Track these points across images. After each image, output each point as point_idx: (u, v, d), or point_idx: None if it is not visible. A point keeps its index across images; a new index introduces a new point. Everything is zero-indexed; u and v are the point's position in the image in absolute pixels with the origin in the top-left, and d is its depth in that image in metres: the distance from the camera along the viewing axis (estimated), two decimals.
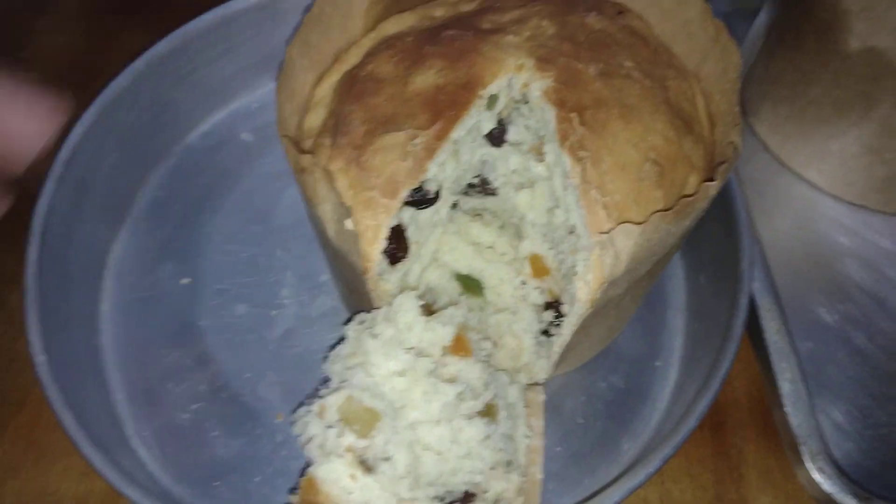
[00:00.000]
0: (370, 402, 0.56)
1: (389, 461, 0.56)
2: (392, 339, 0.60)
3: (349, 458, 0.54)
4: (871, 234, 0.98)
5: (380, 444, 0.55)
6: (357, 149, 0.61)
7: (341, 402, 0.56)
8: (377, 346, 0.59)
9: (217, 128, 1.00)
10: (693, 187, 0.63)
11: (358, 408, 0.55)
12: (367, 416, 0.55)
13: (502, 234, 0.77)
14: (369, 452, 0.55)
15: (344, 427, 0.55)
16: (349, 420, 0.55)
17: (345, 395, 0.56)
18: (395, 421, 0.57)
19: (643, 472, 0.63)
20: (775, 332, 0.80)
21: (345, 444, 0.55)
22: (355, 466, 0.54)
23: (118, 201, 0.91)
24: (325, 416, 0.56)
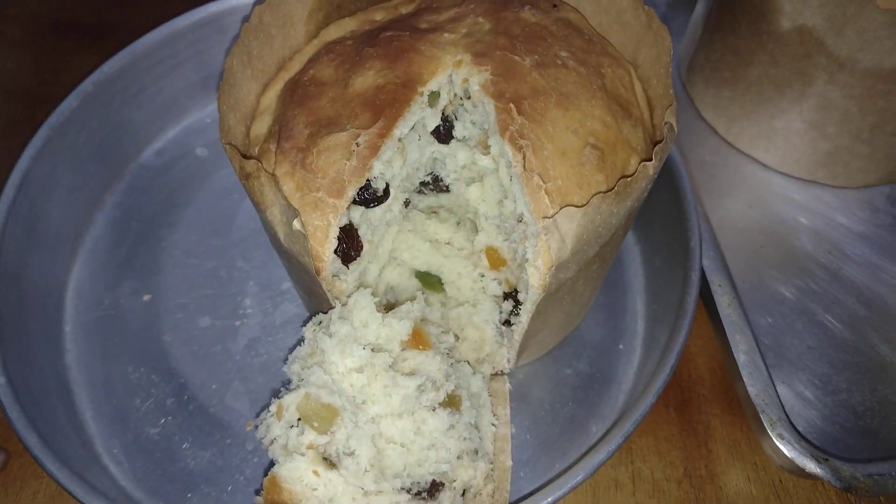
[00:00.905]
0: (328, 399, 0.56)
1: (352, 456, 0.56)
2: (347, 336, 0.60)
3: (311, 455, 0.55)
4: (822, 208, 1.01)
5: (341, 439, 0.56)
6: (301, 151, 0.62)
7: (299, 400, 0.56)
8: (333, 343, 0.59)
9: (170, 144, 1.01)
10: (634, 169, 0.65)
11: (316, 405, 0.56)
12: (325, 413, 0.56)
13: (459, 230, 0.78)
14: (331, 448, 0.55)
15: (304, 425, 0.56)
16: (308, 417, 0.56)
17: (302, 394, 0.56)
18: (355, 416, 0.58)
19: (605, 449, 0.64)
20: (727, 306, 0.82)
21: (306, 441, 0.55)
22: (318, 462, 0.55)
23: (75, 223, 0.91)
24: (283, 415, 0.56)
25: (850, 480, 0.70)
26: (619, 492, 0.78)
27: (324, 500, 0.55)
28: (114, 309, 0.87)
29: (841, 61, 0.86)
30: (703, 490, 0.78)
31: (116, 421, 0.79)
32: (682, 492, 0.78)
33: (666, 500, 0.77)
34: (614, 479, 0.79)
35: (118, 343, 0.84)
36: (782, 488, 0.79)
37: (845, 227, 0.99)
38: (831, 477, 0.70)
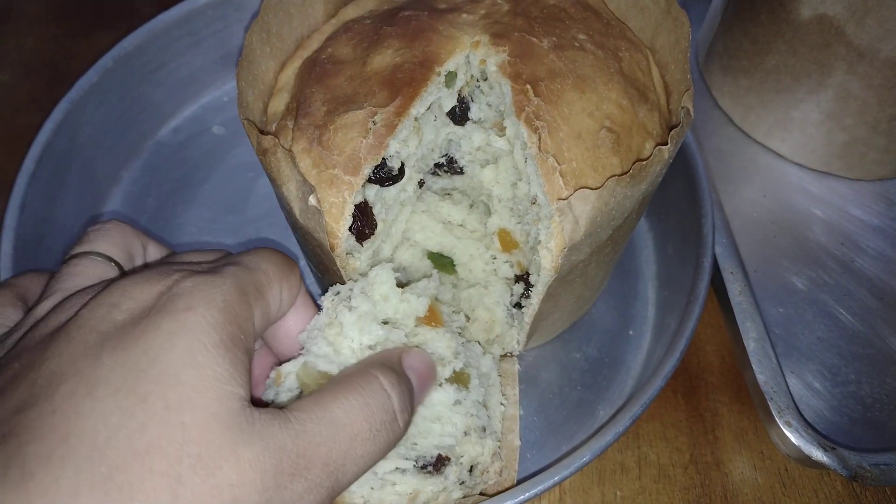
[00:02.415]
0: (325, 368, 0.57)
1: None
2: (367, 313, 0.60)
3: None
4: (836, 200, 1.01)
5: None
6: (318, 128, 0.62)
7: (298, 368, 0.56)
8: (353, 319, 0.59)
9: (188, 122, 1.02)
10: (649, 153, 0.65)
11: (313, 372, 0.56)
12: (323, 381, 0.56)
13: (472, 212, 0.79)
14: None
15: (303, 392, 0.56)
16: (307, 385, 0.56)
17: (301, 362, 0.57)
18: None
19: (612, 431, 0.64)
20: (738, 294, 0.82)
21: None
22: None
23: (92, 198, 0.92)
24: (282, 382, 0.57)
25: (857, 469, 0.70)
26: (624, 475, 0.78)
27: None
28: None
29: (861, 51, 0.86)
30: (708, 476, 0.79)
31: None
32: (687, 477, 0.78)
33: (671, 486, 0.78)
34: (620, 462, 0.79)
35: None
36: (788, 477, 0.79)
37: (859, 220, 0.99)
38: (837, 465, 0.71)
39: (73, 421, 0.38)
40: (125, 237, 0.56)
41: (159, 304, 0.42)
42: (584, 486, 0.78)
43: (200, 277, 0.45)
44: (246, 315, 0.45)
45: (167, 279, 0.44)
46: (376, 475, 0.57)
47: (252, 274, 0.48)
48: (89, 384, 0.39)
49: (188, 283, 0.44)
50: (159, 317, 0.41)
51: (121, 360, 0.39)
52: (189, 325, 0.41)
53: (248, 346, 0.44)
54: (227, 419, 0.39)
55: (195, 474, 0.37)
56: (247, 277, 0.47)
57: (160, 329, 0.41)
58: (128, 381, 0.39)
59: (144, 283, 0.44)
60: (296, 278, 0.54)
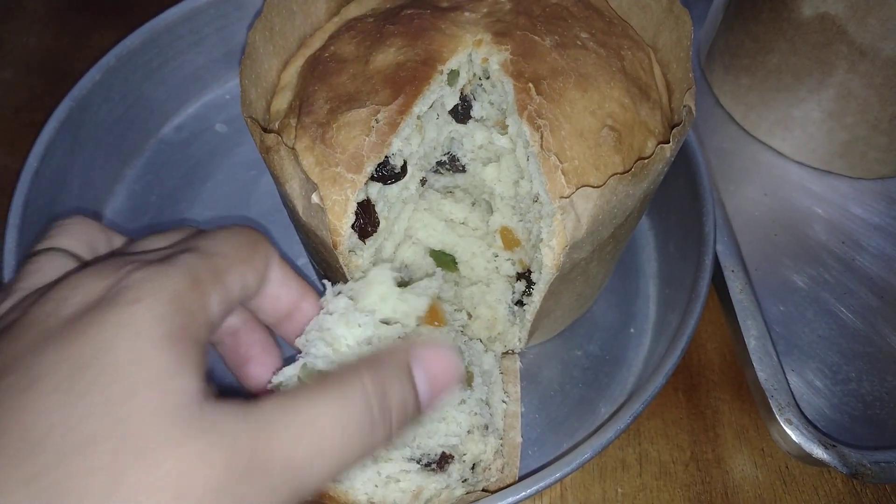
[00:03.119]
0: (325, 368, 0.57)
1: None
2: (347, 307, 0.60)
3: None
4: (837, 199, 1.01)
5: None
6: (321, 126, 0.62)
7: (297, 371, 0.57)
8: (335, 319, 0.60)
9: (190, 120, 1.02)
10: (651, 151, 0.65)
11: (314, 373, 0.56)
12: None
13: (474, 210, 0.79)
14: None
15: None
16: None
17: (300, 365, 0.57)
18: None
19: (613, 429, 0.65)
20: (739, 292, 0.82)
21: None
22: None
23: (95, 196, 0.92)
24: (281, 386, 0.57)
25: (857, 467, 0.71)
26: (625, 472, 0.79)
27: None
28: None
29: (862, 50, 0.86)
30: (709, 473, 0.79)
31: None
32: (688, 474, 0.79)
33: (672, 483, 0.78)
34: (621, 459, 0.79)
35: None
36: (788, 474, 0.79)
37: (860, 218, 0.99)
38: (838, 463, 0.71)
39: (7, 417, 0.37)
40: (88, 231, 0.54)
41: (108, 296, 0.41)
42: (586, 482, 0.78)
43: (152, 268, 0.43)
44: (198, 304, 0.43)
45: (118, 271, 0.43)
46: (380, 474, 0.57)
47: (208, 259, 0.46)
48: (29, 379, 0.38)
49: (138, 275, 0.42)
50: (105, 310, 0.40)
51: (64, 354, 0.38)
52: (135, 318, 0.39)
53: (199, 337, 0.42)
54: (173, 413, 0.38)
55: (136, 468, 0.36)
56: (202, 264, 0.45)
57: (105, 322, 0.39)
58: (69, 377, 0.38)
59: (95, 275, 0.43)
60: (261, 256, 0.52)
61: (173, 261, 0.45)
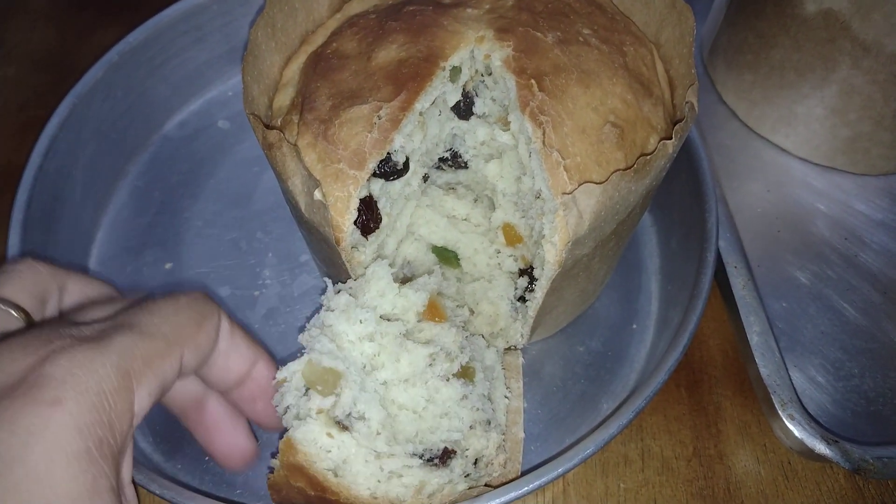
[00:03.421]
0: (330, 363, 0.57)
1: (363, 420, 0.57)
2: (348, 304, 0.61)
3: (323, 419, 0.56)
4: (840, 195, 1.01)
5: (347, 402, 0.57)
6: (324, 123, 0.62)
7: (302, 367, 0.57)
8: (336, 315, 0.60)
9: (193, 116, 1.02)
10: (653, 147, 0.65)
11: (318, 368, 0.57)
12: (328, 376, 0.57)
13: (476, 207, 0.79)
14: (339, 411, 0.56)
15: (310, 390, 0.57)
16: (311, 382, 0.57)
17: (305, 360, 0.57)
18: (362, 380, 0.58)
19: (615, 424, 0.65)
20: (742, 288, 0.82)
21: (314, 406, 0.56)
22: (330, 426, 0.56)
23: (99, 192, 0.93)
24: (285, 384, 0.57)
25: (859, 462, 0.71)
26: (628, 468, 0.79)
27: (338, 462, 0.56)
28: (136, 276, 0.88)
29: (866, 46, 0.86)
30: (711, 469, 0.79)
31: None
32: (690, 470, 0.79)
33: (675, 478, 0.78)
34: (624, 455, 0.80)
35: None
36: (791, 470, 0.79)
37: (863, 215, 0.99)
38: (840, 458, 0.71)
39: None
40: (37, 279, 0.51)
41: (26, 384, 0.38)
42: (588, 478, 0.78)
43: (80, 353, 0.40)
44: (123, 407, 0.41)
45: (44, 349, 0.40)
46: (382, 469, 0.57)
47: (145, 342, 0.44)
48: None
49: (63, 362, 0.39)
50: (21, 407, 0.37)
51: None
52: (51, 428, 0.37)
53: (116, 452, 0.40)
54: None
55: None
56: (136, 350, 0.43)
57: (18, 425, 0.36)
58: None
59: (18, 351, 0.40)
60: (206, 332, 0.50)
61: (108, 344, 0.42)
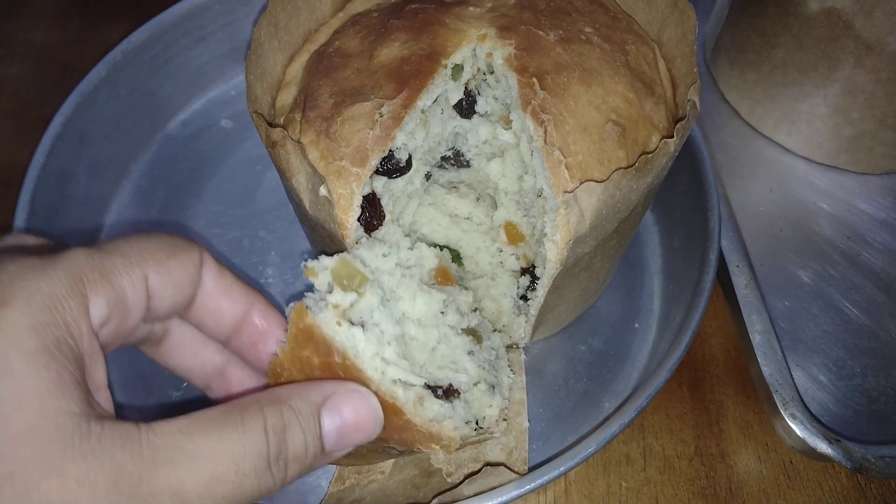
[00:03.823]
0: (361, 268, 0.55)
1: (377, 327, 0.54)
2: (371, 242, 0.59)
3: (338, 312, 0.52)
4: (842, 194, 1.01)
5: (366, 307, 0.54)
6: (326, 120, 0.63)
7: (335, 262, 0.54)
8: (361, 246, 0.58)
9: (196, 115, 1.02)
10: (655, 146, 0.65)
11: (349, 267, 0.54)
12: (356, 276, 0.54)
13: (478, 205, 0.79)
14: (356, 313, 0.53)
15: (334, 284, 0.53)
16: (339, 276, 0.54)
17: (338, 258, 0.54)
18: (384, 296, 0.56)
19: (617, 423, 0.65)
20: (744, 287, 0.82)
21: (333, 300, 0.52)
22: (343, 319, 0.52)
23: (102, 191, 0.93)
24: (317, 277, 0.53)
25: (861, 461, 0.71)
26: (630, 467, 0.79)
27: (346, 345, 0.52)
28: None
29: (869, 44, 0.86)
30: (713, 468, 0.79)
31: (139, 385, 0.81)
32: (692, 469, 0.79)
33: (676, 477, 0.78)
34: (626, 454, 0.80)
35: None
36: (793, 469, 0.79)
37: (866, 214, 0.99)
38: (842, 458, 0.71)
39: None
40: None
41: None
42: (590, 477, 0.78)
43: (29, 262, 0.39)
44: (78, 310, 0.39)
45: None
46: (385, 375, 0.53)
47: (100, 257, 0.41)
48: None
49: (12, 267, 0.38)
50: None
51: None
52: (4, 326, 0.36)
53: (78, 352, 0.39)
54: (50, 435, 0.35)
55: (7, 493, 0.34)
56: (89, 262, 0.41)
57: None
58: None
59: None
60: (181, 260, 0.47)
61: (59, 256, 0.40)
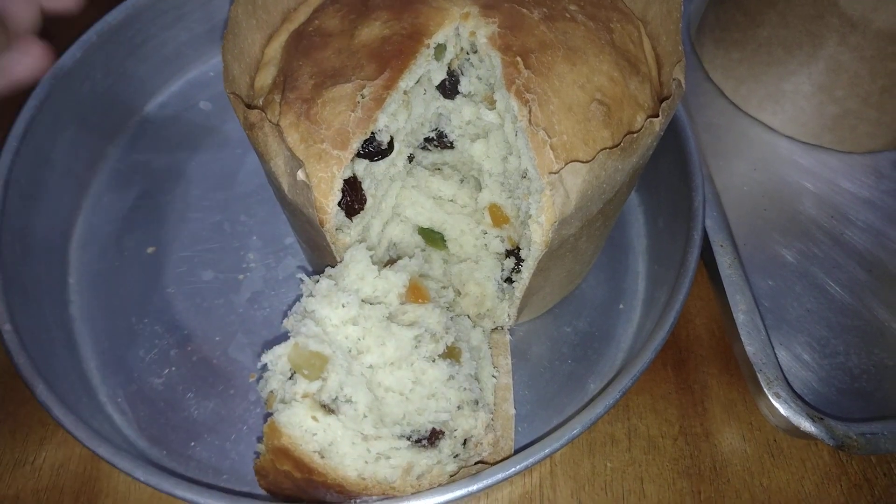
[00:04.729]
0: (317, 347, 0.57)
1: (350, 402, 0.57)
2: (329, 289, 0.61)
3: (308, 402, 0.56)
4: (826, 173, 1.01)
5: (334, 386, 0.57)
6: (306, 102, 0.61)
7: (288, 350, 0.57)
8: (317, 300, 0.60)
9: (174, 97, 1.00)
10: (640, 126, 0.64)
11: (305, 353, 0.57)
12: (314, 360, 0.57)
13: (462, 187, 0.78)
14: (325, 394, 0.56)
15: (295, 374, 0.57)
16: (298, 366, 0.57)
17: (291, 344, 0.57)
18: (348, 364, 0.58)
19: (603, 403, 0.65)
20: (728, 267, 0.82)
21: (299, 390, 0.56)
22: (316, 409, 0.56)
23: (79, 174, 0.91)
24: (277, 367, 0.57)
25: (843, 439, 0.71)
26: (614, 447, 0.79)
27: (324, 444, 0.56)
28: (118, 261, 0.87)
29: (853, 22, 0.85)
30: (698, 447, 0.79)
31: (121, 371, 0.80)
32: (677, 449, 0.79)
33: (661, 457, 0.79)
34: (610, 434, 0.80)
35: (122, 294, 0.85)
36: (776, 447, 0.80)
37: (849, 193, 0.99)
38: (825, 435, 0.72)
39: None
40: None
41: None
42: (575, 457, 0.78)
43: None
44: None
45: None
46: (370, 451, 0.57)
47: None
48: None
49: None
50: None
51: None
52: None
53: None
54: None
55: None
56: None
57: None
58: None
59: None
60: None
61: None
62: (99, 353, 0.81)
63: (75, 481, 0.75)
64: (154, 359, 0.81)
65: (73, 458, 0.76)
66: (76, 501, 0.74)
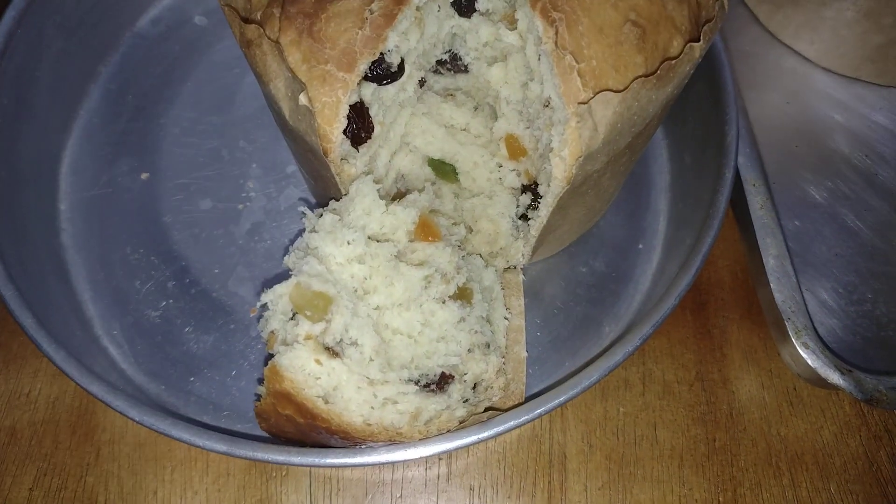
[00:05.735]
0: (320, 287, 0.54)
1: (356, 345, 0.54)
2: (333, 224, 0.57)
3: (311, 345, 0.53)
4: (862, 108, 0.95)
5: (338, 328, 0.54)
6: (308, 17, 0.55)
7: (290, 290, 0.54)
8: (321, 237, 0.56)
9: (167, 12, 0.94)
10: (677, 51, 0.58)
11: (307, 293, 0.54)
12: (318, 301, 0.54)
13: (476, 115, 0.73)
14: (329, 337, 0.53)
15: (298, 315, 0.53)
16: (300, 307, 0.54)
17: (293, 283, 0.54)
18: (354, 305, 0.55)
19: (621, 351, 0.62)
20: (760, 208, 0.77)
21: (302, 332, 0.53)
22: (319, 352, 0.53)
23: (68, 95, 0.86)
24: (275, 307, 0.54)
25: (873, 392, 0.68)
26: (628, 391, 0.76)
27: (328, 389, 0.53)
28: (110, 187, 0.83)
29: None
30: (714, 394, 0.77)
31: (116, 303, 0.77)
32: (692, 395, 0.77)
33: (676, 402, 0.76)
34: (624, 378, 0.77)
35: (116, 223, 0.81)
36: (796, 396, 0.77)
37: (886, 129, 0.93)
38: (853, 388, 0.69)
39: None
40: None
41: None
42: (587, 401, 0.76)
43: None
44: None
45: None
46: (376, 396, 0.55)
47: None
48: None
49: None
50: None
51: None
52: None
53: None
54: None
55: None
56: None
57: None
58: None
59: None
60: None
61: None
62: (93, 284, 0.78)
63: (71, 414, 0.73)
64: (151, 291, 0.77)
65: (69, 392, 0.74)
66: (73, 434, 0.72)
